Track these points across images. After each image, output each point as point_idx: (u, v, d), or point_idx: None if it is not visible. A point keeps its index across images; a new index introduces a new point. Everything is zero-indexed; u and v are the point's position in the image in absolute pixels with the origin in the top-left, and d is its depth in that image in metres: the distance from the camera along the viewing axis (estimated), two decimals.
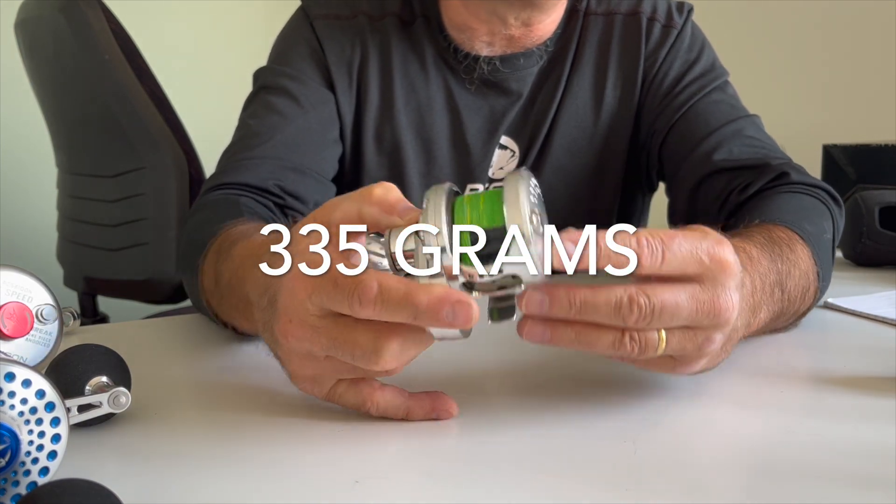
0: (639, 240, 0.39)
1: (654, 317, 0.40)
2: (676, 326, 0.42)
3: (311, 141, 0.83)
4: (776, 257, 0.55)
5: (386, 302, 0.38)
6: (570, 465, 0.40)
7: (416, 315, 0.38)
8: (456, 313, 0.37)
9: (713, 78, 0.86)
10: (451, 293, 0.37)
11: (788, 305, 0.57)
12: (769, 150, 0.80)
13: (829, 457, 0.40)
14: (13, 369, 0.35)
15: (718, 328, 0.43)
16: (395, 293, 0.38)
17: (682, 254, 0.40)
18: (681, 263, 0.40)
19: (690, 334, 0.42)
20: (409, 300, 0.37)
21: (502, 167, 0.89)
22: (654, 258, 0.39)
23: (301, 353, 0.43)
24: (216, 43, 2.37)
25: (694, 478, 0.38)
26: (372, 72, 0.86)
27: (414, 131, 0.87)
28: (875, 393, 0.49)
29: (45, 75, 1.44)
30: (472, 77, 0.86)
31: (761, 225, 0.62)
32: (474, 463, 0.40)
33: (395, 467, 0.40)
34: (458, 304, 0.37)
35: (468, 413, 0.47)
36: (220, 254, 0.58)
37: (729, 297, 0.42)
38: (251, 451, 0.42)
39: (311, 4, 0.88)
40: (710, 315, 0.42)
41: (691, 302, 0.41)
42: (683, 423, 0.45)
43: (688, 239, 0.41)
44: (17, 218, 2.07)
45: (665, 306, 0.40)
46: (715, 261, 0.41)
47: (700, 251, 0.41)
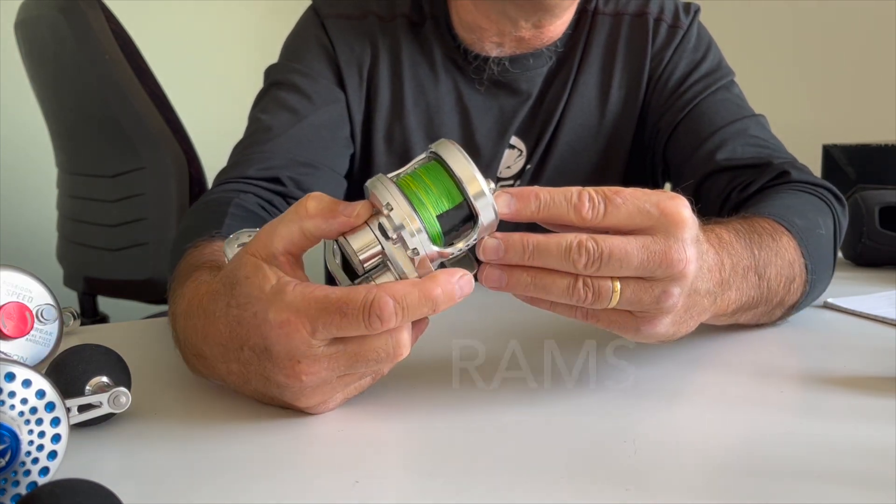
0: (580, 194, 0.42)
1: (603, 262, 0.42)
2: (630, 276, 0.43)
3: (322, 137, 0.83)
4: (752, 244, 0.56)
5: (406, 308, 0.40)
6: (571, 464, 0.40)
7: (436, 306, 0.40)
8: (463, 287, 0.41)
9: (719, 77, 0.86)
10: (454, 273, 0.41)
11: (769, 294, 0.57)
12: (773, 150, 0.80)
13: (829, 457, 0.40)
14: (13, 369, 0.35)
15: (674, 280, 0.44)
16: (411, 297, 0.40)
17: (628, 208, 0.42)
18: (626, 217, 0.42)
19: (646, 285, 0.44)
20: (427, 297, 0.40)
21: (509, 166, 0.89)
22: (596, 211, 0.42)
23: (314, 387, 0.43)
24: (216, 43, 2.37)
25: (694, 478, 0.38)
26: (382, 73, 0.86)
27: (423, 132, 0.88)
28: (875, 393, 0.49)
29: (45, 75, 1.44)
30: (482, 77, 0.86)
31: (745, 217, 0.63)
32: (474, 463, 0.40)
33: (395, 467, 0.40)
34: (461, 279, 0.41)
35: (468, 413, 0.47)
36: (176, 279, 0.56)
37: (681, 248, 0.43)
38: (251, 451, 0.42)
39: (321, 4, 0.88)
40: (663, 265, 0.43)
41: (642, 251, 0.42)
42: (683, 423, 0.45)
43: (635, 194, 0.42)
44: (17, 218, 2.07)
45: (613, 252, 0.42)
46: (665, 213, 0.43)
47: (648, 204, 0.42)
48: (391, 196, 0.41)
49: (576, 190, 0.42)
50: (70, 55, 1.33)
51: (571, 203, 0.42)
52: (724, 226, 0.56)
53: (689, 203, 0.44)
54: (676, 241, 0.43)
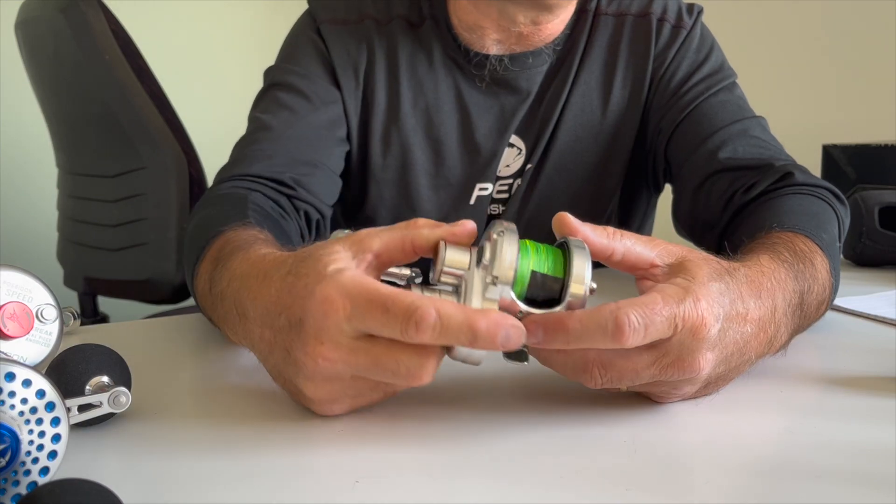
0: (629, 320, 0.40)
1: (614, 381, 0.43)
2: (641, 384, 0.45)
3: (322, 136, 0.84)
4: (800, 275, 0.55)
5: (445, 328, 0.39)
6: (570, 465, 0.40)
7: (475, 339, 0.39)
8: (510, 337, 0.39)
9: (721, 78, 0.86)
10: (507, 318, 0.39)
11: (803, 321, 0.56)
12: (774, 152, 0.80)
13: (829, 457, 0.40)
14: (13, 369, 0.35)
15: (686, 383, 0.45)
16: (454, 320, 0.38)
17: (661, 326, 0.41)
18: (657, 335, 0.42)
19: (657, 383, 0.45)
20: (470, 326, 0.38)
21: (508, 165, 0.89)
22: (637, 336, 0.41)
23: (326, 376, 0.42)
24: (216, 43, 2.37)
25: (694, 478, 0.38)
26: (379, 75, 0.87)
27: (423, 132, 0.88)
28: (875, 393, 0.49)
29: (45, 75, 1.44)
30: (483, 74, 0.87)
31: (782, 234, 0.61)
32: (474, 463, 0.40)
33: (395, 467, 0.40)
34: (512, 328, 0.39)
35: (468, 413, 0.47)
36: (217, 261, 0.57)
37: (696, 360, 0.43)
38: (251, 452, 0.42)
39: (317, 9, 0.88)
40: (676, 374, 0.44)
41: (653, 368, 0.43)
42: (683, 424, 0.45)
43: (668, 305, 0.42)
44: (17, 218, 2.07)
45: (624, 376, 0.43)
46: (688, 326, 0.42)
47: (677, 318, 0.42)
48: (507, 232, 0.42)
49: (610, 316, 0.41)
50: (70, 55, 1.33)
51: (609, 332, 0.41)
52: (779, 259, 0.54)
53: (710, 297, 0.44)
54: (691, 353, 0.43)
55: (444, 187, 0.89)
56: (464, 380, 0.53)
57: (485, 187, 0.89)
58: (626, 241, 0.46)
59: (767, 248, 0.56)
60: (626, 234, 0.47)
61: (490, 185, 0.89)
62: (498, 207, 0.91)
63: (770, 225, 0.63)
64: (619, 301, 0.41)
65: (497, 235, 0.42)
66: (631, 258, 0.47)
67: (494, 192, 0.90)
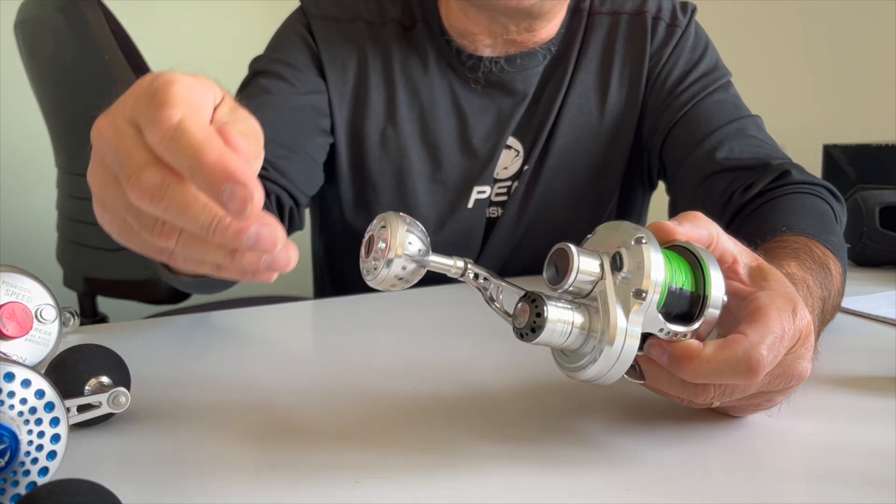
0: (762, 358, 0.38)
1: (726, 396, 0.41)
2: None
3: (302, 122, 0.83)
4: (822, 283, 0.54)
5: (175, 139, 0.32)
6: (571, 464, 0.40)
7: (194, 169, 0.31)
8: (234, 194, 0.30)
9: (716, 78, 0.86)
10: (259, 205, 0.31)
11: (821, 327, 0.56)
12: (770, 150, 0.80)
13: (829, 457, 0.40)
14: (13, 369, 0.35)
15: (780, 393, 0.43)
16: (192, 135, 0.31)
17: (785, 350, 0.40)
18: (782, 356, 0.40)
19: (756, 395, 0.42)
20: (197, 152, 0.31)
21: (506, 167, 0.89)
22: (768, 369, 0.39)
23: (98, 160, 0.37)
24: (216, 43, 2.37)
25: (693, 478, 0.38)
26: (373, 79, 0.86)
27: (419, 137, 0.87)
28: (875, 393, 0.49)
29: (45, 75, 1.44)
30: (478, 76, 0.86)
31: (797, 238, 0.60)
32: (474, 463, 0.40)
33: (395, 467, 0.40)
34: (239, 187, 0.31)
35: (468, 413, 0.47)
36: None
37: (804, 367, 0.42)
38: (251, 451, 0.42)
39: (310, 5, 0.88)
40: (784, 382, 0.42)
41: (763, 378, 0.40)
42: (683, 424, 0.45)
43: (784, 322, 0.40)
44: (17, 218, 2.07)
45: (737, 389, 0.40)
46: (801, 338, 0.41)
47: (795, 334, 0.40)
48: (650, 241, 0.39)
49: (744, 357, 0.38)
50: (70, 55, 1.33)
51: (741, 372, 0.39)
52: (806, 269, 0.53)
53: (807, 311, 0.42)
54: (799, 359, 0.41)
55: (441, 191, 0.89)
56: (464, 381, 0.53)
57: (482, 190, 0.89)
58: (712, 228, 0.44)
59: (790, 254, 0.56)
60: (703, 219, 0.44)
61: (488, 188, 0.89)
62: (496, 210, 0.91)
63: (779, 227, 0.62)
64: (743, 329, 0.39)
65: (635, 242, 0.39)
66: (717, 251, 0.44)
67: (492, 194, 0.90)
